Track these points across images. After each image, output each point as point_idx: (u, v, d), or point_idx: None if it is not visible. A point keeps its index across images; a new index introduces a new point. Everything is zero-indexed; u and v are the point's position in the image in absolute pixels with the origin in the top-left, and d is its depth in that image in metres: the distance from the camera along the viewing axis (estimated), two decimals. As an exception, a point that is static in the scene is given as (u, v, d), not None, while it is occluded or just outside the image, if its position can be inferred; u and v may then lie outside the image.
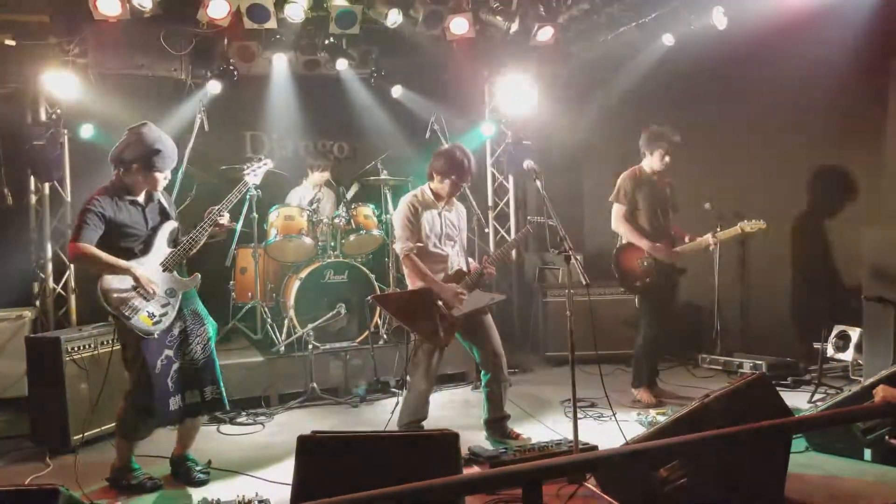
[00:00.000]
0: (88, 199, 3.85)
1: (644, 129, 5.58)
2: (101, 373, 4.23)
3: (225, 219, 4.07)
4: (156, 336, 3.84)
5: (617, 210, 5.50)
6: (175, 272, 3.97)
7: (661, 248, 5.36)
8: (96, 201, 3.81)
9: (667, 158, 5.47)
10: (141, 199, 3.98)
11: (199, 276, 4.09)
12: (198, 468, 4.13)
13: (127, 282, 3.77)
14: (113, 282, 3.77)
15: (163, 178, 3.98)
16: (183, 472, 4.12)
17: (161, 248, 3.96)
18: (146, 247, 3.92)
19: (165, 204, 4.11)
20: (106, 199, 3.85)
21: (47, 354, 4.72)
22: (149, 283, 3.79)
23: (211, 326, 4.14)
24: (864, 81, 5.94)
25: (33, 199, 6.60)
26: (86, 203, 3.83)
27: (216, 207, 4.06)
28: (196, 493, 3.87)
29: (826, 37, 5.81)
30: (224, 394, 4.13)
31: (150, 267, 3.88)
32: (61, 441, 4.58)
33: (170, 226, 4.04)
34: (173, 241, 4.03)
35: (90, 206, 3.79)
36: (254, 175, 4.40)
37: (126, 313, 3.76)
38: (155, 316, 3.84)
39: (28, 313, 6.11)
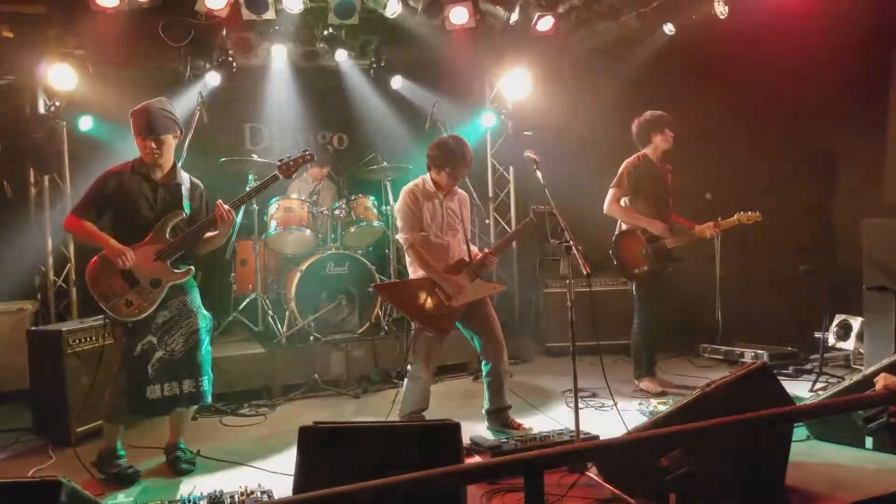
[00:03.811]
0: (102, 174, 3.96)
1: (637, 119, 5.56)
2: (103, 365, 4.25)
3: (225, 215, 3.96)
4: (129, 325, 3.84)
5: (612, 194, 5.48)
6: (169, 263, 3.93)
7: (659, 223, 5.35)
8: (107, 175, 3.93)
9: (672, 134, 5.46)
10: (157, 176, 4.00)
11: (194, 269, 4.07)
12: (184, 458, 4.15)
13: (109, 264, 3.79)
14: (99, 266, 3.80)
15: (147, 146, 3.91)
16: (170, 462, 4.16)
17: (161, 236, 3.93)
18: (146, 231, 3.90)
19: (185, 192, 4.06)
20: (118, 172, 3.94)
21: (49, 347, 4.72)
22: (119, 255, 3.77)
23: (202, 319, 4.09)
24: (867, 71, 5.93)
25: (33, 191, 6.60)
26: (99, 176, 3.95)
27: (233, 200, 4.04)
28: (199, 485, 3.86)
29: (828, 27, 5.79)
30: (205, 387, 4.07)
31: (146, 253, 3.86)
32: (63, 433, 4.58)
33: (176, 215, 4.00)
34: (177, 232, 4.00)
35: (98, 180, 3.92)
36: (287, 169, 4.37)
37: (104, 298, 3.79)
38: (132, 304, 3.83)
39: (29, 306, 6.12)
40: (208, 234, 4.04)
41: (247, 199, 4.25)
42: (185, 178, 4.12)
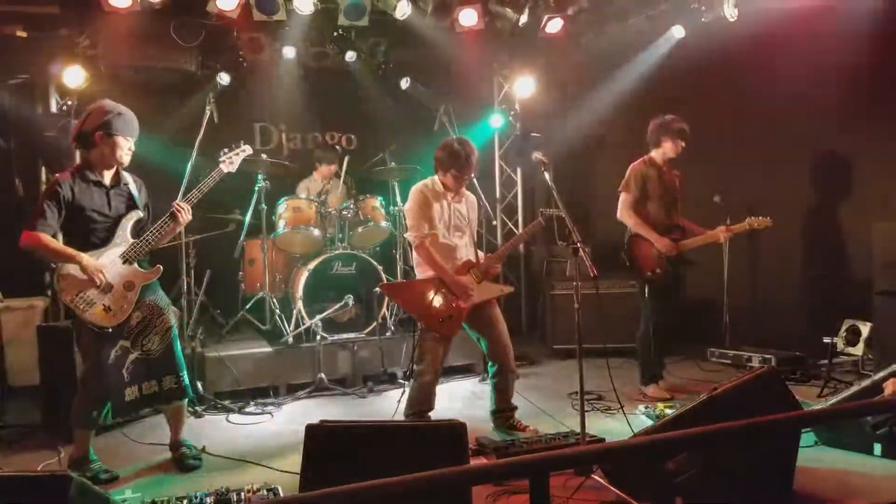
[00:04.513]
0: (49, 184, 3.86)
1: (654, 120, 5.56)
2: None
3: (183, 212, 3.97)
4: (110, 330, 3.82)
5: (624, 199, 5.47)
6: (136, 264, 3.91)
7: (666, 241, 5.35)
8: (57, 184, 3.81)
9: (682, 144, 5.46)
10: (106, 180, 3.93)
11: (161, 267, 4.05)
12: (190, 454, 4.17)
13: (80, 273, 3.73)
14: (69, 274, 3.73)
15: (126, 146, 3.91)
16: (177, 458, 4.17)
17: (124, 238, 3.90)
18: (108, 236, 3.87)
19: (135, 191, 4.04)
20: (68, 180, 3.83)
21: (59, 343, 4.76)
22: (96, 273, 3.73)
23: (173, 316, 4.10)
24: (879, 72, 5.89)
25: (43, 189, 6.63)
26: (48, 186, 3.83)
27: (184, 198, 4.03)
28: (204, 482, 3.88)
29: (839, 28, 5.77)
30: (186, 381, 4.09)
31: (110, 258, 3.83)
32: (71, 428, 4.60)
33: (135, 216, 3.98)
34: (137, 233, 3.96)
35: (50, 189, 3.79)
36: (229, 163, 4.27)
37: (80, 306, 3.73)
38: (111, 310, 3.80)
39: (39, 303, 6.15)
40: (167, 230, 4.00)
41: (198, 194, 4.11)
42: (129, 177, 4.07)
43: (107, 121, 3.86)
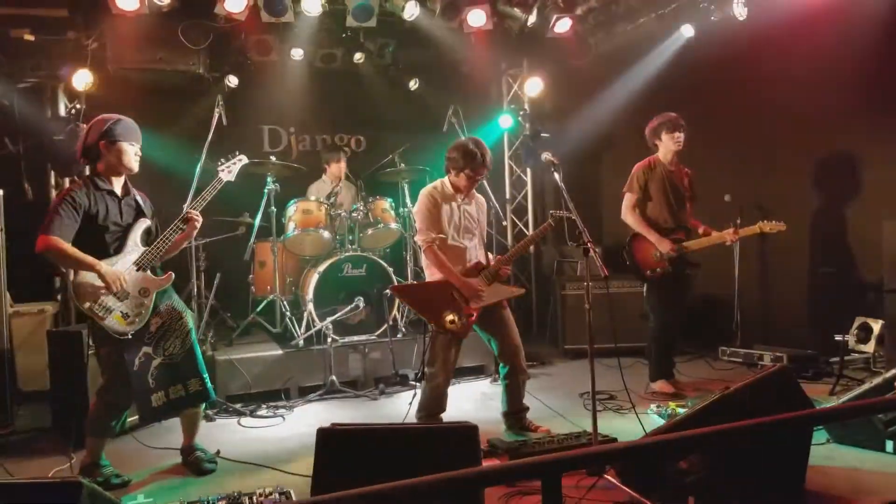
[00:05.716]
0: (64, 191, 3.86)
1: (650, 122, 5.55)
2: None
3: (196, 216, 4.02)
4: (130, 336, 3.83)
5: (627, 200, 5.49)
6: (149, 271, 3.93)
7: (666, 242, 5.33)
8: (72, 192, 3.80)
9: (679, 135, 5.42)
10: (118, 190, 3.95)
11: (173, 274, 4.05)
12: (206, 458, 4.18)
13: (97, 280, 3.73)
14: (86, 281, 3.73)
15: (132, 151, 3.92)
16: (191, 462, 4.17)
17: (135, 246, 3.92)
18: (120, 245, 3.88)
19: (141, 202, 4.06)
20: (82, 190, 3.83)
21: (69, 348, 4.77)
22: (115, 281, 3.74)
23: (190, 318, 4.12)
24: (889, 70, 5.85)
25: (53, 193, 6.67)
26: (61, 194, 3.82)
27: (187, 205, 4.06)
28: (217, 485, 3.89)
29: (848, 27, 5.73)
30: (209, 384, 4.10)
31: (124, 266, 3.84)
32: (83, 434, 4.61)
33: (143, 224, 3.99)
34: (148, 241, 3.99)
35: (65, 197, 3.77)
36: (227, 172, 4.31)
37: (99, 313, 3.74)
38: (129, 316, 3.81)
39: (49, 307, 6.17)
40: (177, 238, 4.01)
41: (202, 202, 4.11)
42: (134, 190, 4.09)
43: (107, 129, 3.86)
